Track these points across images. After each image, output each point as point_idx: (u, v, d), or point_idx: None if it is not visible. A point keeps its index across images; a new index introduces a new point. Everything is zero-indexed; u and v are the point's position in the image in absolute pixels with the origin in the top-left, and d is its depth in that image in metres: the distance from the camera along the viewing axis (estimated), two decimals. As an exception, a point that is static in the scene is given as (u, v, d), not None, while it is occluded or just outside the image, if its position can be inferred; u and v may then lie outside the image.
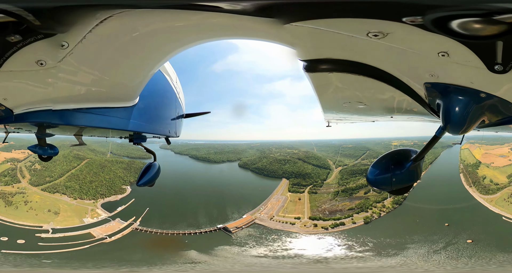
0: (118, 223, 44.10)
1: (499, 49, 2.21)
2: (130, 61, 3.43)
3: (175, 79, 6.71)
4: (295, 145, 74.21)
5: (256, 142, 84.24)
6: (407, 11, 2.06)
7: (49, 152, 7.07)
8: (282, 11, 2.37)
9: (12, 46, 2.60)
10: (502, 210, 30.49)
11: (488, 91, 2.91)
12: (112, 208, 47.17)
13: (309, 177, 57.25)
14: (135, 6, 2.44)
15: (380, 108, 4.93)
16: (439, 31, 2.11)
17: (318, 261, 30.71)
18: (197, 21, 2.70)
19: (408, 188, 5.11)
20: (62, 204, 44.91)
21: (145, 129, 5.81)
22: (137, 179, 7.73)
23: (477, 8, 1.90)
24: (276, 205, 50.53)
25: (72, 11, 2.38)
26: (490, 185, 35.48)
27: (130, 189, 52.39)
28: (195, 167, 72.05)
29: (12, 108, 3.85)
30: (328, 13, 2.28)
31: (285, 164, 63.83)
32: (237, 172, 67.90)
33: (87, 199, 47.10)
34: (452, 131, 3.51)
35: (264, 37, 3.01)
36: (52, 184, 47.73)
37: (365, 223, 37.46)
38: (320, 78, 3.45)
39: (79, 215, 43.90)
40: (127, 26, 2.70)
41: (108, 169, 55.27)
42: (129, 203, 48.48)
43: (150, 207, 47.04)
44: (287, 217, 46.02)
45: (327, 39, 2.68)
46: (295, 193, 53.09)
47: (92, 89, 3.83)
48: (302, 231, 41.04)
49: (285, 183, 57.25)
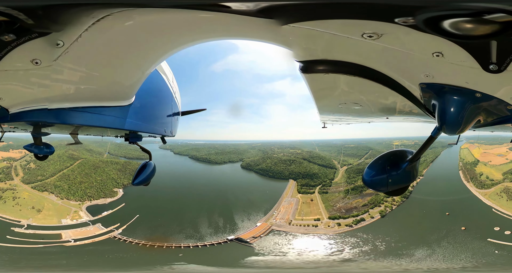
0: (96, 229, 41.57)
1: (494, 48, 2.22)
2: (127, 60, 3.41)
3: (171, 78, 6.70)
4: (296, 145, 73.31)
5: (257, 142, 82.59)
6: (399, 12, 2.07)
7: (45, 151, 7.07)
8: (278, 12, 2.37)
9: (7, 45, 2.58)
10: (493, 203, 35.01)
11: (483, 91, 2.90)
12: (98, 212, 44.76)
13: (316, 177, 56.53)
14: (132, 5, 2.43)
15: (375, 109, 4.92)
16: (431, 32, 2.12)
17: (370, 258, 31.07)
18: (194, 21, 2.69)
19: (404, 189, 5.10)
20: (47, 202, 44.87)
21: (141, 128, 5.80)
22: (132, 178, 7.74)
23: (465, 8, 1.91)
24: (289, 208, 48.21)
25: (67, 10, 2.36)
26: (486, 181, 39.27)
27: (122, 193, 50.17)
28: (196, 169, 68.93)
29: (8, 107, 3.84)
30: (324, 15, 2.29)
31: (290, 164, 62.40)
32: (240, 174, 64.88)
33: (73, 200, 46.35)
34: (448, 131, 3.50)
35: (260, 37, 3.01)
36: (43, 183, 47.77)
37: (381, 217, 40.13)
38: (316, 79, 3.45)
39: (60, 215, 43.32)
40: (124, 26, 2.69)
41: (101, 170, 53.61)
42: (117, 208, 45.89)
43: (141, 214, 43.65)
44: (305, 220, 44.61)
45: (323, 40, 2.68)
46: (306, 194, 51.86)
47: (88, 88, 3.82)
48: (329, 231, 40.70)
49: (293, 184, 55.70)
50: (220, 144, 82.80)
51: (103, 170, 53.73)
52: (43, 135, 6.22)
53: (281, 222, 44.41)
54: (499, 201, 34.96)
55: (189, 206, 47.35)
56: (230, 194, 52.12)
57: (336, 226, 41.37)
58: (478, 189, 38.98)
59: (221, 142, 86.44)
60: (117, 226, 41.81)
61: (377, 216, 40.87)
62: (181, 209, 46.27)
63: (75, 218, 43.42)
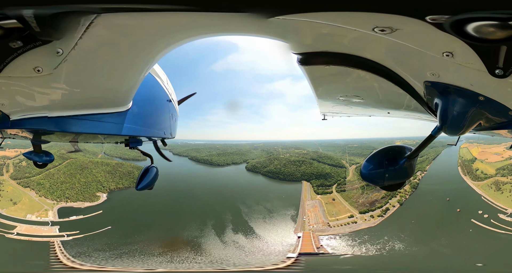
0: (49, 230, 40.61)
1: (502, 53, 2.21)
2: (121, 65, 3.44)
3: (165, 80, 6.70)
4: (299, 145, 72.67)
5: (259, 142, 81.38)
6: (436, 9, 1.98)
7: (44, 159, 7.04)
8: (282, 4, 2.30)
9: (13, 52, 2.65)
10: (483, 192, 43.62)
11: (486, 95, 2.90)
12: (67, 215, 42.95)
13: (330, 177, 56.85)
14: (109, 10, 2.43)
15: (377, 103, 4.91)
16: (452, 32, 2.07)
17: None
18: (180, 21, 2.68)
19: (400, 184, 5.10)
20: (26, 197, 45.90)
21: (141, 132, 5.79)
22: (136, 183, 7.71)
23: (503, 12, 1.86)
24: (316, 211, 48.25)
25: (62, 18, 2.39)
26: (480, 175, 47.59)
27: (105, 198, 47.81)
28: (196, 172, 63.83)
29: (9, 114, 3.87)
30: (335, 7, 2.20)
31: (300, 165, 61.22)
32: (246, 178, 60.43)
33: (50, 199, 46.83)
34: (448, 132, 3.50)
35: (253, 32, 2.96)
36: (28, 179, 48.89)
37: (400, 205, 47.49)
38: (316, 71, 3.41)
39: (31, 210, 43.86)
40: (113, 31, 2.73)
41: (88, 171, 52.30)
42: (90, 215, 43.10)
43: (115, 227, 38.52)
44: (341, 219, 46.42)
45: (325, 33, 2.62)
46: (325, 195, 52.41)
47: (87, 95, 3.85)
48: (370, 224, 45.34)
49: (308, 186, 55.19)
50: (221, 145, 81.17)
51: (90, 172, 52.71)
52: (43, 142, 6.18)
53: (320, 226, 44.75)
54: (488, 191, 43.27)
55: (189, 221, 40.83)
56: (241, 204, 46.72)
57: (372, 219, 46.39)
58: (473, 181, 47.22)
59: (221, 142, 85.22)
60: (76, 233, 39.06)
61: (397, 205, 48.04)
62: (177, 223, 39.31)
63: (41, 216, 43.83)
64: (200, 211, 45.08)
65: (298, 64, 3.25)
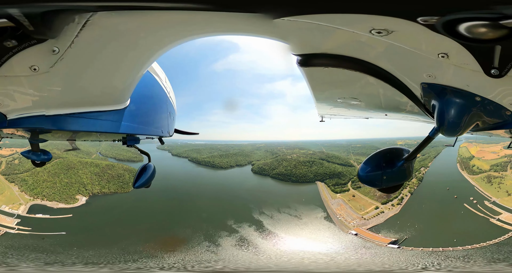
0: (11, 221, 41.77)
1: (497, 53, 2.21)
2: (119, 63, 3.43)
3: (164, 78, 6.69)
4: (303, 146, 71.60)
5: (261, 142, 79.13)
6: (424, 11, 1.99)
7: (42, 157, 7.04)
8: (280, 6, 2.32)
9: (8, 51, 2.65)
10: (476, 184, 52.47)
11: (483, 95, 2.91)
12: (36, 212, 43.72)
13: (343, 176, 57.68)
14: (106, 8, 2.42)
15: (374, 105, 4.90)
16: (445, 33, 2.08)
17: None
18: (182, 19, 2.68)
19: (398, 187, 5.09)
20: (8, 191, 47.54)
21: (138, 130, 5.78)
22: (133, 181, 7.69)
23: (492, 12, 1.87)
24: (344, 209, 50.62)
25: (57, 16, 2.38)
26: (476, 170, 55.61)
27: (83, 202, 47.17)
28: (198, 176, 58.98)
29: (6, 113, 3.83)
30: (333, 8, 2.23)
31: (311, 166, 60.05)
32: (254, 181, 56.88)
33: (28, 195, 47.96)
34: (446, 133, 3.51)
35: (256, 32, 2.97)
36: (15, 176, 50.11)
37: (411, 194, 53.61)
38: (315, 72, 3.42)
39: (7, 202, 45.49)
40: (111, 29, 2.72)
41: (74, 172, 51.77)
42: (58, 216, 42.75)
43: (73, 234, 36.44)
44: (369, 212, 50.63)
45: (325, 34, 2.64)
46: (344, 193, 54.26)
47: (84, 93, 3.84)
48: (395, 211, 51.12)
49: (323, 186, 55.58)
50: (222, 145, 78.05)
51: (76, 172, 52.07)
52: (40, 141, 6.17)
53: (358, 221, 48.62)
54: (481, 183, 52.02)
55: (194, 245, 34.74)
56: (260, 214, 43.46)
57: (393, 208, 51.94)
58: (469, 175, 55.44)
59: (222, 143, 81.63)
60: (25, 229, 39.77)
61: (408, 194, 54.23)
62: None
63: (13, 208, 45.27)
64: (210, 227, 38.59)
65: (297, 65, 3.26)
